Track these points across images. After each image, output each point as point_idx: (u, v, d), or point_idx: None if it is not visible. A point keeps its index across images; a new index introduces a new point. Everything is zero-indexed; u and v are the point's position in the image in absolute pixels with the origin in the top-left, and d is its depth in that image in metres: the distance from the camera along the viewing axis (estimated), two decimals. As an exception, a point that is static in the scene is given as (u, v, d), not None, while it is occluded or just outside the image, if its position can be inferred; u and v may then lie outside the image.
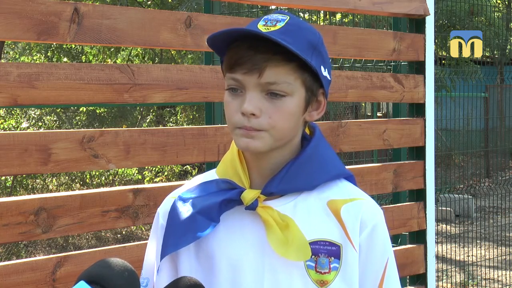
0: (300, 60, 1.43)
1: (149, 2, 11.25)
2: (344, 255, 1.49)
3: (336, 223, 1.50)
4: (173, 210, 1.55)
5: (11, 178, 9.66)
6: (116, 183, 10.46)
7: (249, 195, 1.48)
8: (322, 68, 1.48)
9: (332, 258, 1.48)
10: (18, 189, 9.85)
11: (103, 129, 2.20)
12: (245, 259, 1.49)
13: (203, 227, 1.49)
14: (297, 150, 1.53)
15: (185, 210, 1.53)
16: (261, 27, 1.44)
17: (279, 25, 1.44)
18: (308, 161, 1.51)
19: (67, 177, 10.50)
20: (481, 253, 8.18)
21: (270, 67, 1.42)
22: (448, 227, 9.44)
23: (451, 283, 7.06)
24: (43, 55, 12.07)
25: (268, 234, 1.47)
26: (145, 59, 11.86)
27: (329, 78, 1.52)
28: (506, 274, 7.37)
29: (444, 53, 11.56)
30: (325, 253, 1.48)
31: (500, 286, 7.10)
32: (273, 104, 1.43)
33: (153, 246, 1.61)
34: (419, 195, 3.23)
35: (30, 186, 10.05)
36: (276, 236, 1.46)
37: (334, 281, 1.48)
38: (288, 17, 1.46)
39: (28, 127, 10.69)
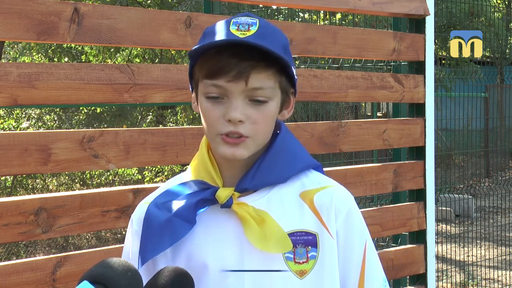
0: (279, 65, 1.45)
1: (149, 2, 11.25)
2: (321, 243, 1.51)
3: (310, 213, 1.52)
4: (148, 216, 1.55)
5: (11, 178, 9.66)
6: (116, 183, 10.46)
7: (223, 193, 1.50)
8: (293, 68, 1.51)
9: (310, 247, 1.51)
10: (18, 189, 9.85)
11: (103, 129, 2.20)
12: (224, 258, 1.49)
13: (180, 229, 1.50)
14: (266, 146, 1.54)
15: (161, 215, 1.53)
16: (235, 32, 1.44)
17: (252, 30, 1.45)
18: (278, 155, 1.53)
19: (67, 177, 10.50)
20: (481, 253, 8.18)
21: (255, 73, 1.43)
22: (448, 227, 9.44)
23: (451, 283, 7.06)
24: (43, 55, 12.07)
25: (246, 230, 1.48)
26: (145, 57, 11.85)
27: (296, 77, 1.55)
28: (506, 274, 7.37)
29: (444, 53, 11.56)
30: (302, 243, 1.50)
31: (500, 286, 7.10)
32: (257, 110, 1.45)
33: (126, 251, 1.60)
34: (419, 195, 3.23)
35: (30, 186, 10.05)
36: (254, 231, 1.47)
37: (313, 269, 1.50)
38: (257, 20, 1.47)
39: (28, 127, 10.69)
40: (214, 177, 1.52)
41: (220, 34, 1.45)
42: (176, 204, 1.53)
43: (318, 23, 6.79)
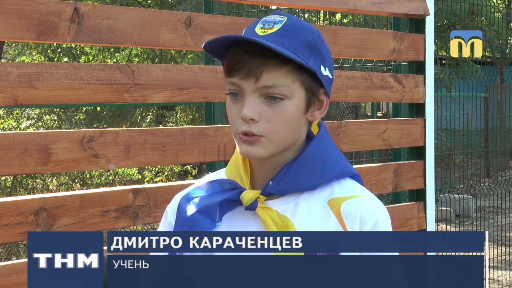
0: (294, 63, 1.43)
1: (149, 1, 11.25)
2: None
3: (336, 222, 1.50)
4: (180, 209, 1.56)
5: (11, 178, 9.66)
6: (116, 183, 10.46)
7: (248, 196, 1.49)
8: (322, 67, 1.48)
9: None
10: (18, 189, 9.85)
11: (103, 129, 2.20)
12: None
13: (202, 227, 1.50)
14: (300, 150, 1.53)
15: (190, 210, 1.54)
16: (258, 30, 1.45)
17: (276, 27, 1.45)
18: (308, 161, 1.51)
19: (67, 177, 10.50)
20: (481, 253, 8.17)
21: (267, 71, 1.42)
22: (448, 227, 9.44)
23: (451, 283, 7.05)
24: (43, 55, 12.07)
25: None
26: (145, 57, 11.85)
27: (331, 77, 1.52)
28: (506, 274, 7.37)
29: (444, 53, 11.56)
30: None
31: (500, 286, 7.11)
32: (272, 108, 1.44)
33: None
34: (419, 195, 3.23)
35: (30, 186, 10.04)
36: None
37: None
38: (286, 18, 1.47)
39: (28, 127, 10.69)
40: (243, 178, 1.52)
41: (244, 33, 1.47)
42: (203, 201, 1.53)
43: (318, 23, 6.79)
